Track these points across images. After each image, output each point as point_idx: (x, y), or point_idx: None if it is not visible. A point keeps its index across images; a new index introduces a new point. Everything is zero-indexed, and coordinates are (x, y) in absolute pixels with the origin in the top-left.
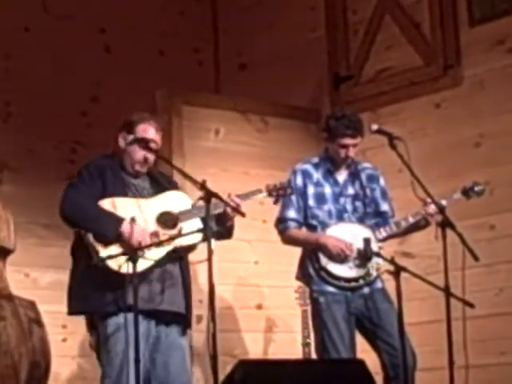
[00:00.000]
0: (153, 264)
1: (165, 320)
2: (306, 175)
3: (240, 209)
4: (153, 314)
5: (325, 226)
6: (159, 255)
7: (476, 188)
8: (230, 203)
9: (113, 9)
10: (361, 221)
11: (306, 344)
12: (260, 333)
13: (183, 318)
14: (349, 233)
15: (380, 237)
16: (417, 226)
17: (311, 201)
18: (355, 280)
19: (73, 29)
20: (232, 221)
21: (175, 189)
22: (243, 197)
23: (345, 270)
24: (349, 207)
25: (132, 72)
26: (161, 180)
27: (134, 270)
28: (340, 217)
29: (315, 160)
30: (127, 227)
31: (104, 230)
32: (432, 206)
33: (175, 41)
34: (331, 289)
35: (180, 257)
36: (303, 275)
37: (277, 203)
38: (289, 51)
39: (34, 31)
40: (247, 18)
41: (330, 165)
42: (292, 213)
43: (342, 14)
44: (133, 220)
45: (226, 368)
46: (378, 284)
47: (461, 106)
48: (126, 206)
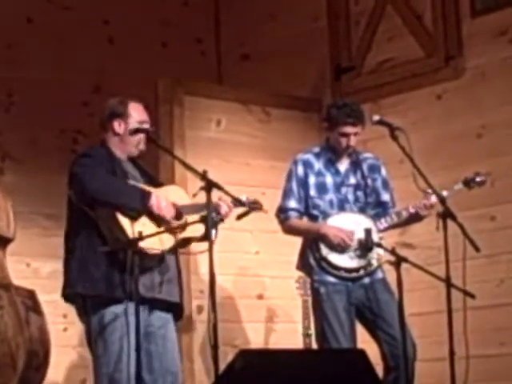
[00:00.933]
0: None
1: (159, 311)
2: (307, 165)
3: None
4: (148, 304)
5: (326, 216)
6: (166, 245)
7: (477, 178)
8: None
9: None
10: (362, 211)
11: (307, 334)
12: (261, 323)
13: (177, 310)
14: (350, 223)
15: (381, 227)
16: (417, 217)
17: (312, 191)
18: (356, 270)
19: (75, 19)
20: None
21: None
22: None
23: (345, 260)
24: (350, 197)
25: (134, 62)
26: (145, 168)
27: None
28: (341, 207)
29: (316, 150)
30: (155, 200)
31: (134, 203)
32: (433, 197)
33: (178, 31)
34: (332, 279)
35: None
36: (304, 265)
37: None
38: (291, 42)
39: (37, 21)
40: (249, 9)
41: (332, 154)
42: (293, 203)
43: (344, 5)
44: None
45: (227, 358)
46: (379, 274)
47: (462, 97)
48: None
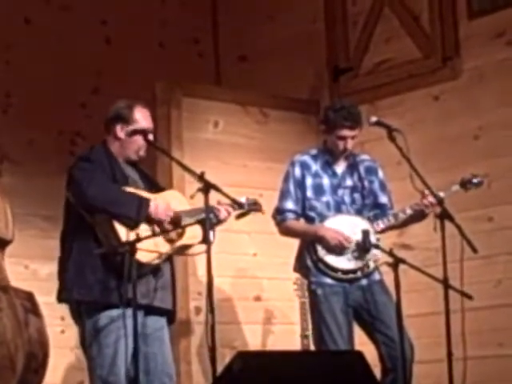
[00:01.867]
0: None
1: (153, 315)
2: (305, 166)
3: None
4: (144, 308)
5: (323, 218)
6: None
7: (474, 180)
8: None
9: (113, 0)
10: (359, 213)
11: (305, 336)
12: (259, 325)
13: (170, 315)
14: (347, 224)
15: (378, 228)
16: (415, 218)
17: (309, 192)
18: (353, 272)
19: (73, 20)
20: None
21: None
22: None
23: (343, 262)
24: (347, 199)
25: (132, 63)
26: (145, 171)
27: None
28: (338, 208)
29: (314, 151)
30: (154, 206)
31: (132, 212)
32: (430, 198)
33: (175, 32)
34: (329, 280)
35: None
36: (301, 267)
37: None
38: (288, 43)
39: (35, 22)
40: (247, 10)
41: (329, 156)
42: (290, 204)
43: (342, 6)
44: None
45: (225, 360)
46: (377, 276)
47: (460, 99)
48: None
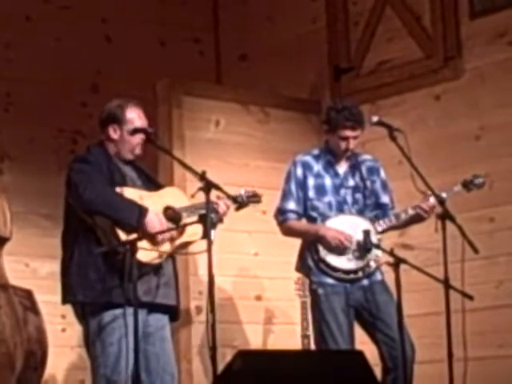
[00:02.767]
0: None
1: (156, 313)
2: (307, 167)
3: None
4: (146, 306)
5: (325, 218)
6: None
7: (476, 181)
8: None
9: None
10: (361, 213)
11: (306, 335)
12: (259, 324)
13: (173, 312)
14: (348, 225)
15: (379, 229)
16: (416, 219)
17: (311, 192)
18: (354, 272)
19: (74, 18)
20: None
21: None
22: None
23: (344, 262)
24: (349, 199)
25: (133, 62)
26: (143, 169)
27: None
28: (340, 209)
29: (315, 152)
30: (152, 218)
31: (128, 219)
32: (432, 199)
33: (176, 31)
34: (330, 280)
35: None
36: (302, 267)
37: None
38: (289, 42)
39: (35, 20)
40: (248, 9)
41: (331, 157)
42: (292, 204)
43: (343, 6)
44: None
45: (225, 359)
46: (378, 276)
47: (461, 99)
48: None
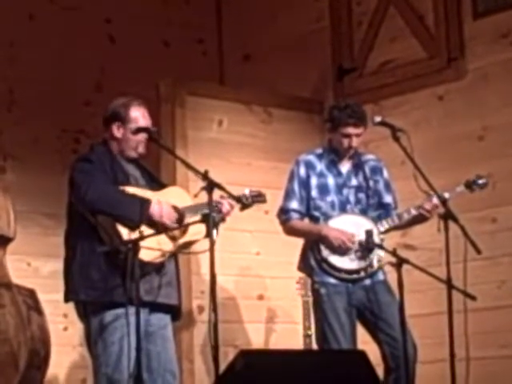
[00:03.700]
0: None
1: (158, 312)
2: (310, 166)
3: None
4: (148, 306)
5: (327, 218)
6: (169, 247)
7: (479, 181)
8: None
9: None
10: (363, 212)
11: (308, 335)
12: (261, 323)
13: (175, 311)
14: (351, 224)
15: (382, 229)
16: (419, 219)
17: (314, 192)
18: (356, 272)
19: (78, 18)
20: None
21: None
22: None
23: (346, 262)
24: (352, 198)
25: (136, 62)
26: (147, 168)
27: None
28: (343, 208)
29: (319, 151)
30: (156, 208)
31: (132, 214)
32: (434, 199)
33: (179, 31)
34: (332, 280)
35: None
36: (305, 266)
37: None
38: (293, 42)
39: (39, 19)
40: (252, 9)
41: (334, 156)
42: (294, 204)
43: (346, 6)
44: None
45: (228, 358)
46: (380, 276)
47: (464, 99)
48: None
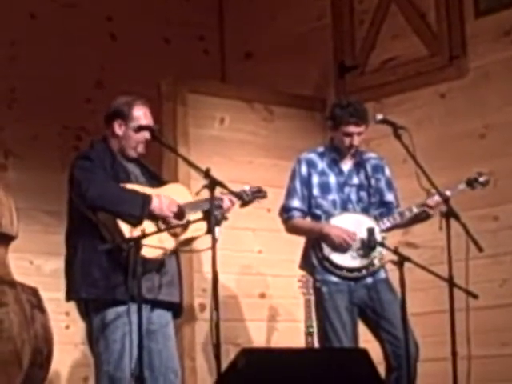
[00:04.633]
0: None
1: (159, 310)
2: (311, 164)
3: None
4: (150, 303)
5: (329, 216)
6: (171, 245)
7: (480, 179)
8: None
9: None
10: (365, 211)
11: (309, 333)
12: (263, 322)
13: (176, 309)
14: (353, 223)
15: (383, 227)
16: (420, 217)
17: (316, 190)
18: (358, 270)
19: (78, 16)
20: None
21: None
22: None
23: (348, 260)
24: (353, 197)
25: (137, 60)
26: (148, 166)
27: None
28: (344, 207)
29: (320, 149)
30: (156, 202)
31: (134, 210)
32: (436, 197)
33: (181, 29)
34: (334, 278)
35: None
36: (306, 264)
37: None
38: (294, 40)
39: (40, 18)
40: (253, 7)
41: (336, 154)
42: (296, 202)
43: (348, 3)
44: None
45: (229, 356)
46: (382, 274)
47: (466, 97)
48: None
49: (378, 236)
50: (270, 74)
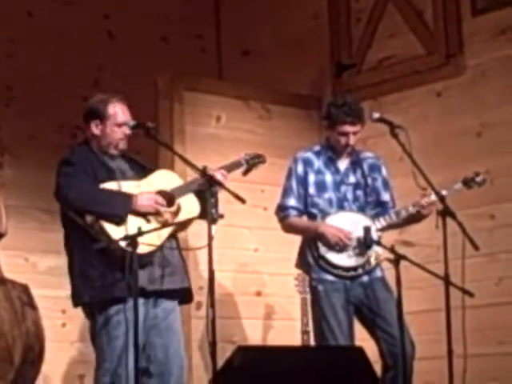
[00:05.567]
0: (159, 245)
1: (163, 302)
2: (307, 163)
3: (225, 181)
4: (154, 295)
5: (325, 215)
6: (163, 235)
7: (477, 178)
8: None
9: None
10: (361, 210)
11: (305, 331)
12: (259, 320)
13: (183, 295)
14: (349, 222)
15: (379, 226)
16: (416, 218)
17: (312, 189)
18: (354, 269)
19: (76, 14)
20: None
21: (156, 168)
22: (226, 169)
23: (343, 259)
24: (349, 196)
25: (134, 58)
26: (137, 160)
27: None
28: (340, 205)
29: (316, 148)
30: (137, 200)
31: (116, 210)
32: (432, 196)
33: (178, 27)
34: (330, 277)
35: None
36: (302, 263)
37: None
38: (291, 38)
39: (37, 16)
40: (250, 5)
41: (332, 153)
42: (292, 201)
43: (345, 2)
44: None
45: (225, 354)
46: (378, 273)
47: (463, 96)
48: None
49: (374, 235)
50: (267, 72)
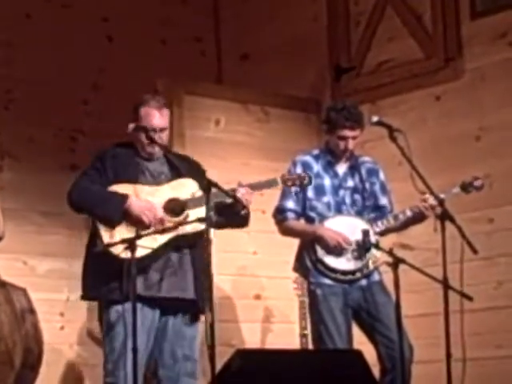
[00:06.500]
0: (151, 251)
1: (171, 308)
2: (306, 166)
3: (249, 202)
4: (157, 303)
5: (323, 218)
6: (159, 242)
7: (475, 183)
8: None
9: None
10: (359, 214)
11: (304, 335)
12: (258, 323)
13: (192, 305)
14: (346, 225)
15: (377, 230)
16: (414, 220)
17: (310, 192)
18: (352, 273)
19: (75, 17)
20: (247, 208)
21: (196, 173)
22: (256, 187)
23: (341, 263)
24: (347, 200)
25: (134, 61)
26: (178, 164)
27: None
28: (338, 209)
29: (315, 152)
30: (132, 203)
31: (109, 211)
32: (431, 201)
33: (177, 30)
34: (328, 281)
35: (189, 245)
36: (300, 267)
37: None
38: (290, 42)
39: (36, 19)
40: (249, 8)
41: (331, 157)
42: (291, 203)
43: (344, 5)
44: None
45: (224, 358)
46: (376, 277)
47: (461, 99)
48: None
49: (372, 238)
50: (266, 76)
